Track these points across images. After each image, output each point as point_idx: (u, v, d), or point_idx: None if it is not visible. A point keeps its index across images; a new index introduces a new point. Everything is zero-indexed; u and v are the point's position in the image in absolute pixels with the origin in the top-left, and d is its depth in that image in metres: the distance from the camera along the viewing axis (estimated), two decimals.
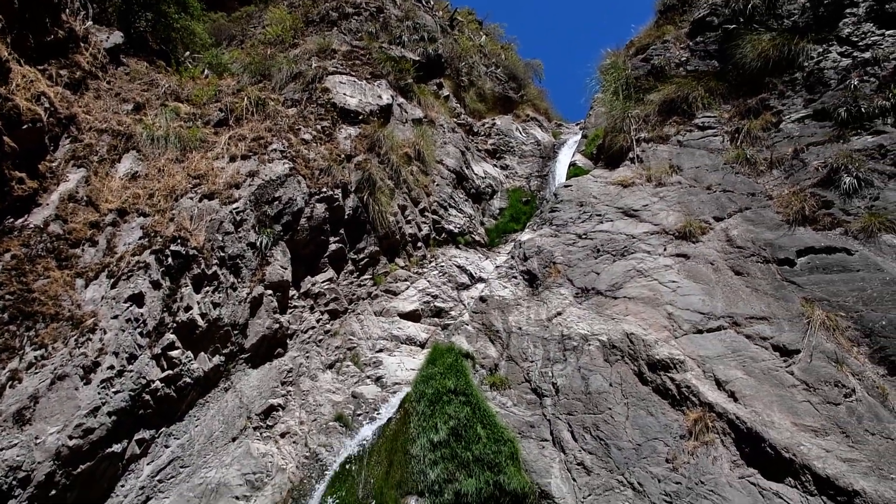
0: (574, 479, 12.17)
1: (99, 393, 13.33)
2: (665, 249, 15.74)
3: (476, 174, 25.68)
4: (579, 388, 13.46)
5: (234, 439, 14.47)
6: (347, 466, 12.97)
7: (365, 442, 13.53)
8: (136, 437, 13.78)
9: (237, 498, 13.33)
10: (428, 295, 18.60)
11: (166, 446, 14.16)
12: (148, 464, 13.88)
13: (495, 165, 27.84)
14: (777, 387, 11.86)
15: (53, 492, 12.49)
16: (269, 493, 13.44)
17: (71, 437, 12.72)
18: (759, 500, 10.62)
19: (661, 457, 11.85)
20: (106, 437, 13.15)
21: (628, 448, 12.18)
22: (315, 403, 15.14)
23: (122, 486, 13.57)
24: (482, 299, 17.31)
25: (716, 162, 17.69)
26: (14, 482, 12.14)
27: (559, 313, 15.43)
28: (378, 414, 14.62)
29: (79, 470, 12.80)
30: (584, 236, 17.52)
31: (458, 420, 12.55)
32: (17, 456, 12.30)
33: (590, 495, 11.87)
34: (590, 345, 14.16)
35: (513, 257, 18.48)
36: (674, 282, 14.67)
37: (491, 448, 12.09)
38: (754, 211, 15.52)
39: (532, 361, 14.68)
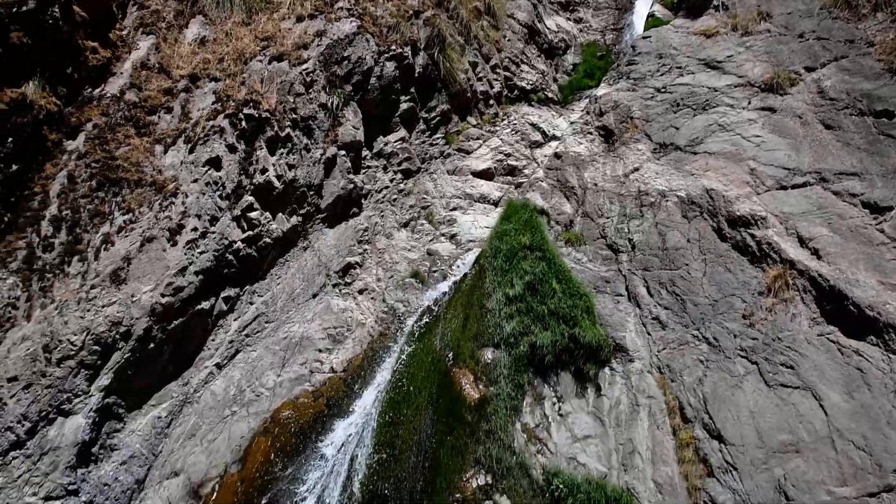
0: (649, 333, 12.30)
1: (185, 253, 13.90)
2: (749, 103, 14.98)
3: (548, 28, 24.58)
4: (656, 244, 13.34)
5: (314, 296, 15.04)
6: (424, 320, 13.37)
7: (441, 297, 13.84)
8: (223, 294, 14.45)
9: (320, 351, 14.00)
10: (501, 153, 18.36)
11: (251, 303, 14.84)
12: (235, 320, 14.62)
13: (568, 19, 26.52)
14: (865, 244, 11.47)
15: (152, 345, 13.35)
16: (350, 346, 14.06)
17: (163, 295, 13.42)
18: (838, 357, 10.56)
19: (737, 313, 11.81)
20: (195, 294, 13.83)
21: (704, 304, 12.16)
22: (391, 261, 15.48)
23: (213, 339, 14.39)
24: (557, 156, 17.01)
25: (810, 7, 16.38)
26: (117, 336, 12.99)
27: (636, 169, 15.08)
28: (453, 270, 14.86)
29: (172, 325, 13.58)
30: (663, 90, 16.78)
31: (534, 275, 12.67)
32: (118, 312, 13.09)
33: (664, 349, 12.01)
34: (667, 201, 13.88)
35: (587, 113, 17.93)
36: (757, 136, 14.04)
37: (566, 302, 12.23)
38: (851, 59, 14.47)
39: (608, 218, 14.53)
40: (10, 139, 13.62)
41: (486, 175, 18.03)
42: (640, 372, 11.91)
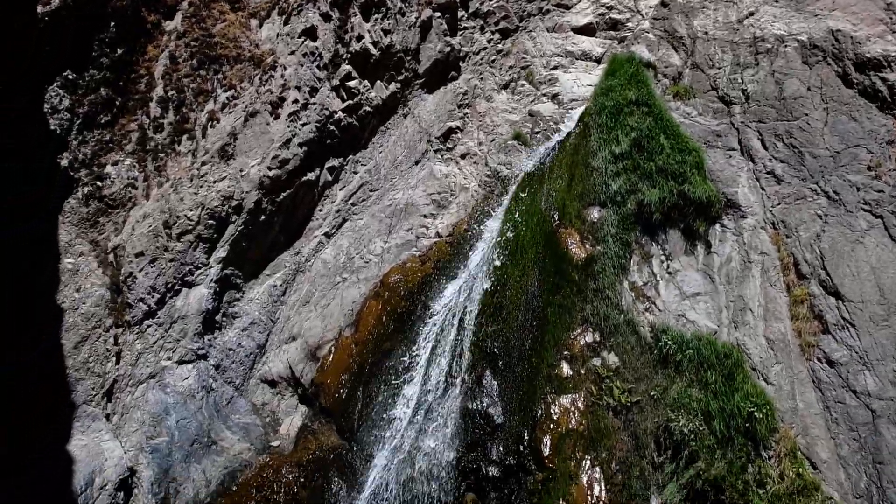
0: (763, 188, 11.74)
1: (288, 126, 14.08)
2: None
3: None
4: (772, 94, 12.50)
5: (416, 163, 15.06)
6: (529, 181, 13.19)
7: (545, 157, 13.57)
8: (327, 165, 14.68)
9: (425, 216, 14.15)
10: (602, 6, 17.32)
11: (355, 172, 15.03)
12: (340, 189, 14.90)
13: None
14: None
15: (262, 217, 13.83)
16: (455, 210, 14.12)
17: (270, 168, 13.75)
18: None
19: (861, 164, 11.07)
20: (300, 166, 14.11)
21: (824, 155, 11.44)
22: (492, 124, 15.21)
23: (320, 210, 14.77)
24: (663, 4, 15.92)
25: None
26: (230, 210, 13.51)
27: (751, 13, 13.95)
28: (556, 130, 14.46)
29: (281, 197, 13.98)
30: None
31: (640, 131, 12.18)
32: (228, 187, 13.54)
33: (779, 204, 11.47)
34: (786, 46, 12.86)
35: None
36: None
37: (675, 158, 11.76)
38: None
39: (719, 68, 13.66)
40: (112, 23, 13.86)
41: (587, 31, 17.13)
42: (752, 228, 11.47)
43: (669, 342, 10.57)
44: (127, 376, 12.58)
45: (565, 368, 10.94)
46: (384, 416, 11.79)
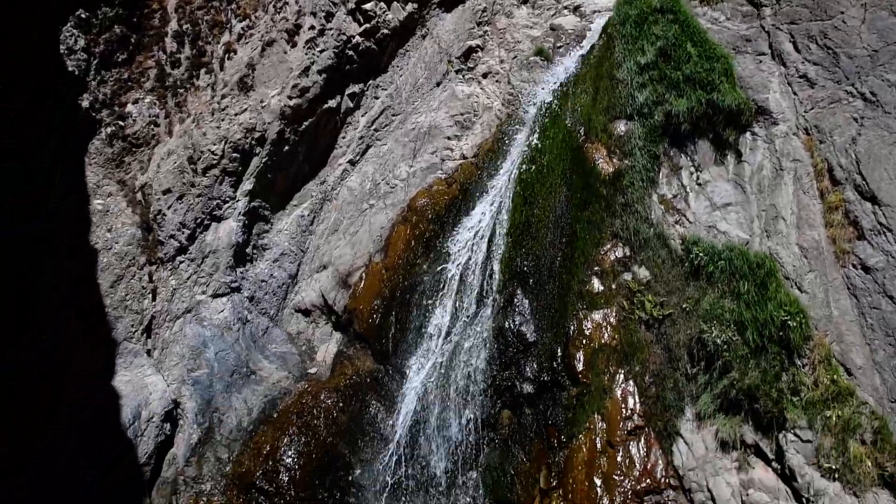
0: (795, 93, 11.39)
1: (306, 53, 13.86)
2: None
3: None
4: None
5: (438, 84, 14.79)
6: (552, 97, 12.93)
7: (568, 72, 13.25)
8: (348, 91, 14.48)
9: (449, 138, 13.99)
10: None
11: (376, 97, 14.83)
12: (362, 116, 14.74)
13: None
14: None
15: (286, 148, 13.78)
16: (479, 130, 13.94)
17: (290, 98, 13.61)
18: None
19: None
20: (320, 94, 13.94)
21: (861, 55, 11.01)
22: (513, 41, 14.82)
23: (343, 137, 14.67)
24: None
25: None
26: (253, 142, 13.46)
27: None
28: (579, 44, 14.07)
29: (303, 126, 13.88)
30: None
31: (666, 40, 11.79)
32: (250, 119, 13.46)
33: (812, 109, 11.14)
34: None
35: None
36: None
37: (702, 66, 11.40)
38: None
39: None
40: None
41: None
42: (784, 135, 11.17)
43: (701, 254, 10.47)
44: (164, 312, 12.83)
45: (596, 284, 10.94)
46: (418, 338, 11.96)
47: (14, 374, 7.09)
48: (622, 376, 10.41)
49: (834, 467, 9.06)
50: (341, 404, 12.05)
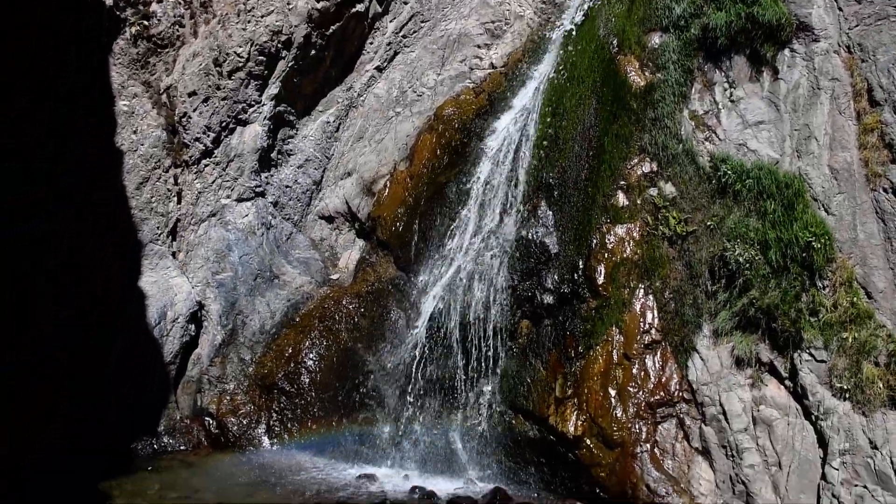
0: (840, 9, 10.98)
1: None
2: None
3: None
4: None
5: None
6: (586, 7, 12.56)
7: None
8: None
9: (478, 47, 13.72)
10: None
11: (405, 2, 14.46)
12: (391, 21, 14.43)
13: None
14: None
15: (313, 52, 13.58)
16: (509, 39, 13.64)
17: (317, 0, 13.31)
18: None
19: None
20: None
21: None
22: None
23: (371, 43, 14.41)
24: None
25: None
26: (279, 45, 13.27)
27: None
28: None
29: (330, 30, 13.63)
30: None
31: None
32: (277, 21, 13.23)
33: (857, 25, 10.76)
34: None
35: None
36: None
37: None
38: None
39: None
40: None
41: None
42: (825, 52, 10.84)
43: (729, 171, 10.34)
44: (189, 215, 12.97)
45: (621, 198, 10.88)
46: (440, 247, 12.05)
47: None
48: (642, 291, 10.47)
49: (846, 387, 9.17)
50: (363, 310, 12.28)
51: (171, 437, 11.74)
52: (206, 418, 11.98)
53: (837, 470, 9.02)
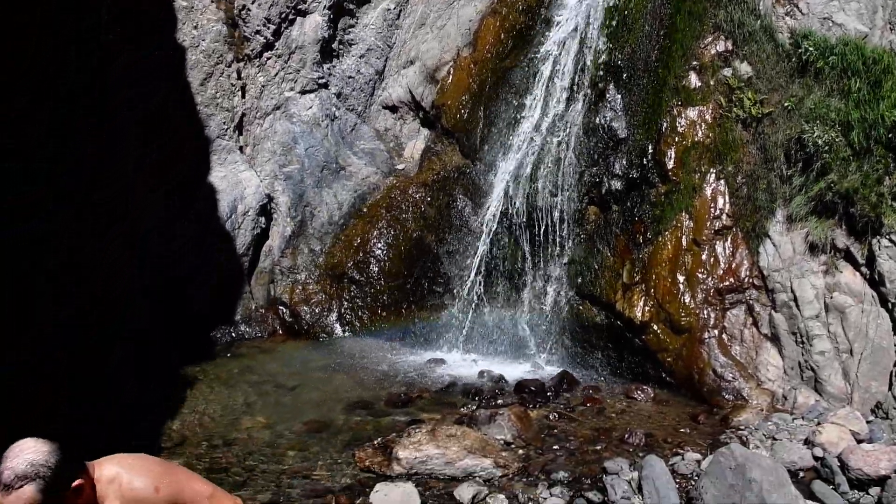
0: None
1: None
2: None
3: None
4: None
5: None
6: None
7: None
8: None
9: None
10: None
11: None
12: None
13: None
14: None
15: None
16: None
17: None
18: None
19: None
20: None
21: None
22: None
23: None
24: None
25: None
26: None
27: None
28: None
29: None
30: None
31: None
32: None
33: None
34: None
35: None
36: None
37: None
38: None
39: None
40: None
41: None
42: None
43: (811, 48, 9.79)
44: (254, 109, 13.03)
45: (693, 79, 10.45)
46: (506, 133, 11.89)
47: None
48: (713, 175, 10.20)
49: None
50: (429, 199, 12.32)
51: (247, 326, 12.20)
52: (280, 307, 12.38)
53: None
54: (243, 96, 12.97)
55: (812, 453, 7.90)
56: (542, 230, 11.14)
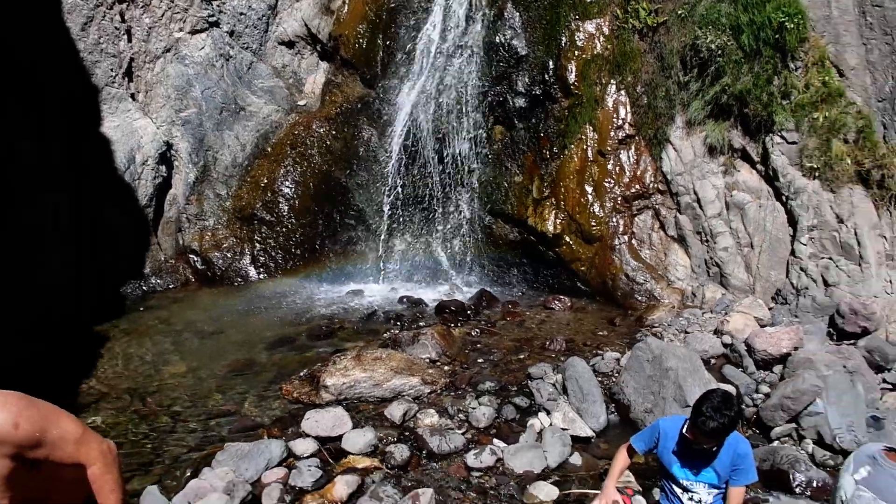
0: None
1: None
2: None
3: None
4: None
5: None
6: None
7: None
8: None
9: None
10: None
11: None
12: None
13: None
14: None
15: None
16: None
17: None
18: None
19: None
20: None
21: None
22: None
23: None
24: None
25: None
26: None
27: None
28: None
29: None
30: None
31: None
32: None
33: None
34: None
35: None
36: None
37: None
38: None
39: None
40: None
41: None
42: None
43: None
44: (143, 53, 12.39)
45: None
46: (406, 59, 11.71)
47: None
48: (614, 86, 10.39)
49: (815, 166, 9.37)
50: (334, 132, 12.09)
51: (158, 278, 11.82)
52: (191, 256, 12.03)
53: (806, 245, 9.39)
54: (129, 40, 12.28)
55: (721, 341, 8.36)
56: (450, 153, 11.12)
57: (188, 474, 5.86)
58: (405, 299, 10.41)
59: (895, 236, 9.17)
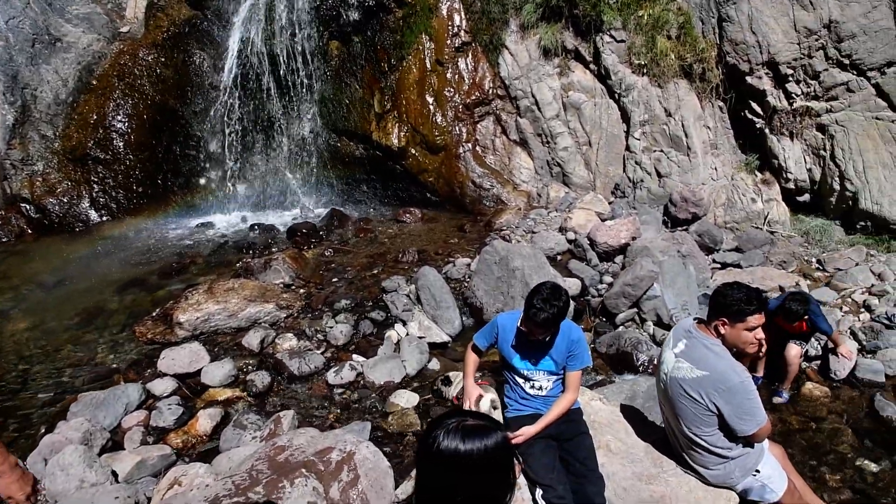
0: None
1: None
2: None
3: None
4: None
5: None
6: None
7: None
8: None
9: None
10: None
11: None
12: None
13: None
14: None
15: None
16: None
17: None
18: None
19: None
20: None
21: None
22: None
23: None
24: None
25: None
26: None
27: None
28: None
29: None
30: None
31: None
32: None
33: None
34: None
35: None
36: None
37: None
38: None
39: None
40: None
41: None
42: None
43: None
44: None
45: None
46: None
47: None
48: None
49: (643, 63, 9.77)
50: (163, 59, 11.40)
51: None
52: (22, 204, 11.20)
53: (639, 140, 9.86)
54: None
55: (566, 237, 8.75)
56: (287, 72, 10.78)
57: (42, 431, 5.63)
58: (256, 227, 10.20)
59: (717, 126, 9.79)
